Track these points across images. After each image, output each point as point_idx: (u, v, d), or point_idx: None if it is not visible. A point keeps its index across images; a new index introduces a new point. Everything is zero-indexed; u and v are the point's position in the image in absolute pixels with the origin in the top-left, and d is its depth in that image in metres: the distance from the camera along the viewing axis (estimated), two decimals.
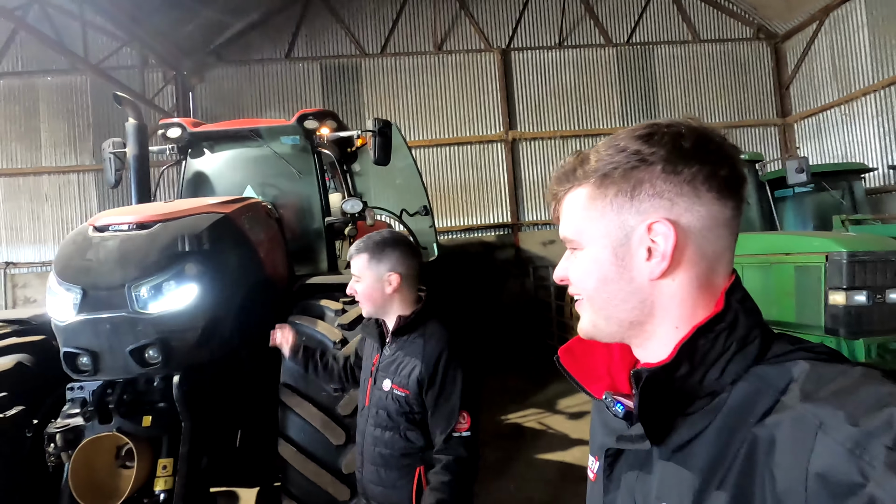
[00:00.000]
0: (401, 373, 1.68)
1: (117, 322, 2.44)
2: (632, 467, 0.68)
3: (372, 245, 1.74)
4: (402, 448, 1.68)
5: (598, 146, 0.67)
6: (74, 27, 7.44)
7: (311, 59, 9.84)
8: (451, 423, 1.61)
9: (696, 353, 0.60)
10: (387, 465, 1.70)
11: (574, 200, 0.68)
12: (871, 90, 8.53)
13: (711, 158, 0.61)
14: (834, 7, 9.03)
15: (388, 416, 1.69)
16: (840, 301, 3.55)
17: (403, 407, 1.66)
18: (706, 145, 0.61)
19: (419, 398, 1.64)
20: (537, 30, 10.22)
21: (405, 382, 1.66)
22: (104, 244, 2.53)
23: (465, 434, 1.61)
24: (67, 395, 2.52)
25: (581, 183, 0.67)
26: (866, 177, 7.36)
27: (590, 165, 0.66)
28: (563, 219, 0.70)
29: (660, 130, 0.62)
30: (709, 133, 0.63)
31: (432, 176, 9.68)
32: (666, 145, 0.61)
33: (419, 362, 1.65)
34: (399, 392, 1.67)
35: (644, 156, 0.62)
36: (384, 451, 1.70)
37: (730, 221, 0.63)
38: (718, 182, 0.61)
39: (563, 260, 0.72)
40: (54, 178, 9.25)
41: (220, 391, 2.76)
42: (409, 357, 1.68)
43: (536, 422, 5.43)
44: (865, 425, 0.46)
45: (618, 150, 0.63)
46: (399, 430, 1.68)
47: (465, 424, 1.62)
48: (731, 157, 0.63)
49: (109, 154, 3.97)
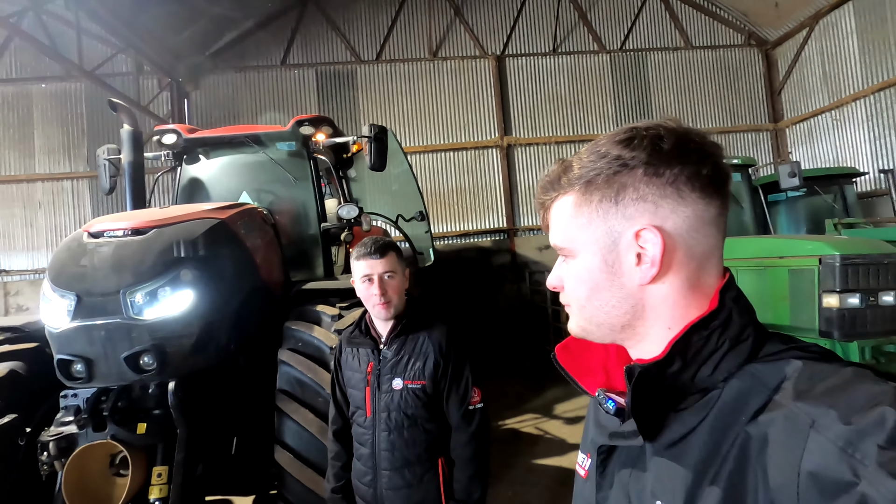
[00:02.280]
0: (413, 368, 1.78)
1: (112, 328, 2.42)
2: (625, 464, 0.68)
3: (394, 243, 1.87)
4: (423, 441, 1.77)
5: (580, 153, 0.67)
6: (69, 34, 7.43)
7: (307, 66, 9.87)
8: (468, 398, 1.80)
9: (689, 350, 0.60)
10: (409, 465, 1.76)
11: (561, 208, 0.68)
12: (861, 95, 8.64)
13: (692, 158, 0.61)
14: (823, 14, 9.15)
15: (405, 414, 1.76)
16: (834, 304, 3.58)
17: (422, 398, 1.77)
18: (686, 145, 0.61)
19: (434, 385, 1.78)
20: (531, 36, 10.30)
21: (420, 375, 1.77)
22: (99, 250, 2.52)
23: (479, 406, 1.82)
24: (61, 403, 2.50)
25: (566, 191, 0.67)
26: (857, 181, 7.44)
27: (573, 173, 0.66)
28: (552, 227, 0.70)
29: (639, 134, 0.63)
30: (688, 133, 0.62)
31: (428, 181, 9.71)
32: (646, 148, 0.61)
33: (431, 352, 1.79)
34: (415, 385, 1.77)
35: (625, 160, 0.62)
36: (405, 452, 1.76)
37: (716, 219, 0.63)
38: (701, 181, 0.61)
39: (556, 267, 0.72)
40: (48, 185, 9.20)
41: (215, 398, 2.74)
42: (418, 351, 1.80)
43: (534, 427, 5.42)
44: (858, 424, 0.46)
45: (599, 156, 0.64)
46: (418, 425, 1.77)
47: (478, 398, 1.83)
48: (712, 154, 0.62)
49: (104, 160, 3.96)
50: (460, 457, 1.78)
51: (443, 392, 1.80)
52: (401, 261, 1.85)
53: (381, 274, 1.78)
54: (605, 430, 0.70)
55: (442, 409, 1.82)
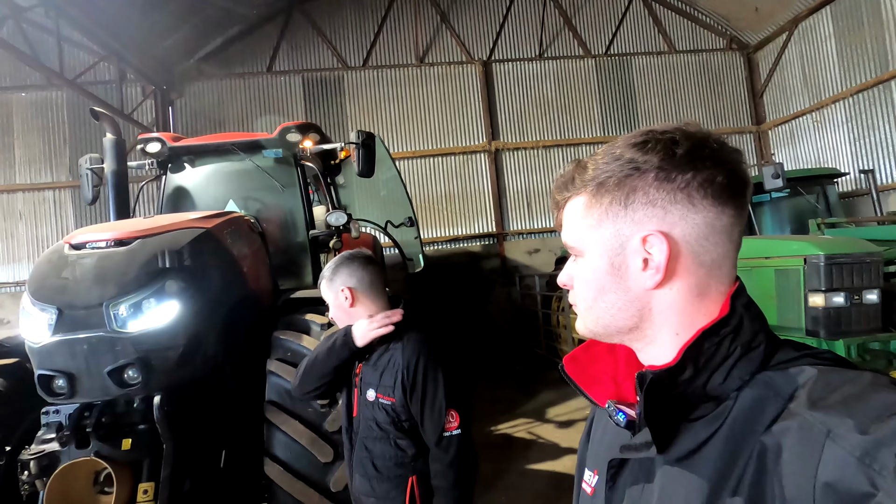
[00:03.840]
0: (384, 381, 1.70)
1: (95, 342, 2.37)
2: (636, 479, 0.66)
3: (327, 270, 1.81)
4: (393, 457, 1.69)
5: (595, 154, 0.67)
6: (50, 42, 7.32)
7: (293, 73, 9.83)
8: (441, 424, 1.64)
9: (701, 357, 0.59)
10: (378, 477, 1.70)
11: (573, 209, 0.68)
12: (841, 97, 8.83)
13: (707, 165, 0.60)
14: (802, 18, 9.35)
15: (378, 426, 1.70)
16: (819, 303, 3.63)
17: (391, 415, 1.68)
18: (700, 151, 0.60)
19: (405, 405, 1.66)
20: (517, 42, 10.38)
21: (390, 391, 1.68)
22: (81, 262, 2.47)
23: (455, 433, 1.64)
24: (42, 420, 2.44)
25: (579, 191, 0.67)
26: (839, 181, 7.58)
27: (587, 174, 0.66)
28: (565, 226, 0.70)
29: (654, 137, 0.62)
30: (706, 138, 0.61)
31: (417, 187, 9.70)
32: (659, 153, 0.60)
33: (399, 368, 1.67)
34: (385, 401, 1.68)
35: (637, 164, 0.61)
36: (376, 462, 1.70)
37: (728, 228, 0.62)
38: (715, 188, 0.60)
39: (567, 265, 0.72)
40: (29, 195, 9.03)
41: (203, 411, 2.69)
42: (390, 365, 1.70)
43: (526, 431, 5.41)
44: (875, 434, 0.45)
45: (613, 159, 0.63)
46: (389, 440, 1.69)
47: (455, 423, 1.65)
48: (728, 161, 0.61)
49: (87, 170, 3.89)
50: (438, 487, 1.66)
51: (417, 415, 1.67)
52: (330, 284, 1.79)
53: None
54: (615, 444, 0.69)
55: (415, 428, 1.70)
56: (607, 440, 0.75)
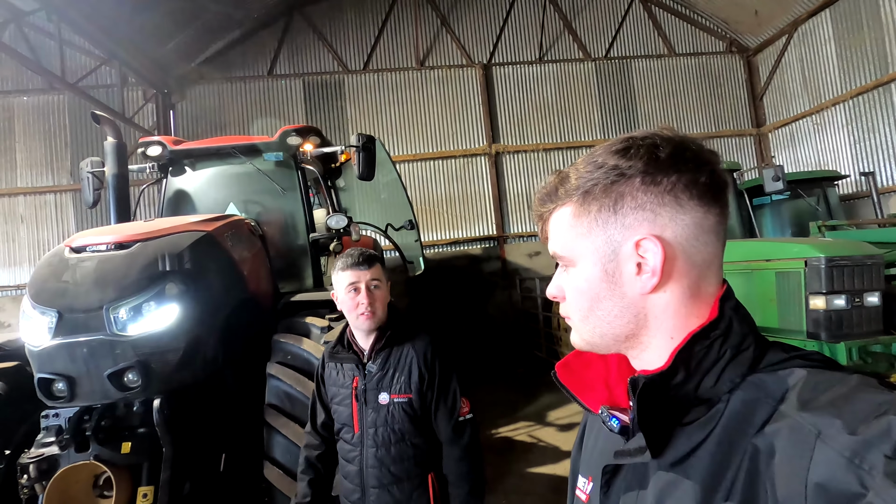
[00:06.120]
0: (398, 381, 1.75)
1: (95, 345, 2.37)
2: (630, 485, 0.66)
3: (379, 255, 1.85)
4: (411, 457, 1.74)
5: (576, 163, 0.67)
6: (51, 46, 7.36)
7: (294, 76, 9.86)
8: (457, 410, 1.77)
9: (692, 360, 0.60)
10: (398, 481, 1.72)
11: (560, 219, 0.68)
12: (840, 100, 8.84)
13: (689, 166, 0.61)
14: (802, 21, 9.37)
15: (393, 429, 1.73)
16: (820, 305, 3.62)
17: (409, 412, 1.74)
18: (682, 154, 0.61)
19: (421, 398, 1.75)
20: (518, 45, 10.40)
21: (405, 387, 1.74)
22: (81, 265, 2.47)
23: (468, 417, 1.79)
24: (42, 423, 2.44)
25: (565, 202, 0.66)
26: (839, 183, 7.58)
27: (570, 184, 0.66)
28: (552, 237, 0.69)
29: (636, 143, 0.62)
30: (685, 141, 0.62)
31: (417, 190, 9.71)
32: (643, 157, 0.61)
33: (416, 365, 1.75)
34: (401, 399, 1.74)
35: (622, 170, 0.62)
36: (394, 468, 1.72)
37: (715, 227, 0.63)
38: (699, 189, 0.61)
39: (556, 276, 0.71)
40: (30, 198, 9.04)
41: (202, 414, 2.69)
42: (404, 364, 1.76)
43: (527, 434, 5.39)
44: (864, 434, 0.46)
45: (596, 167, 0.64)
46: (405, 440, 1.74)
47: (467, 409, 1.80)
48: (709, 162, 0.62)
49: (88, 173, 3.89)
50: (455, 473, 1.74)
51: (430, 405, 1.76)
52: (385, 273, 1.83)
53: (368, 282, 1.75)
54: (609, 449, 0.69)
55: (430, 423, 1.78)
56: (601, 446, 0.75)
